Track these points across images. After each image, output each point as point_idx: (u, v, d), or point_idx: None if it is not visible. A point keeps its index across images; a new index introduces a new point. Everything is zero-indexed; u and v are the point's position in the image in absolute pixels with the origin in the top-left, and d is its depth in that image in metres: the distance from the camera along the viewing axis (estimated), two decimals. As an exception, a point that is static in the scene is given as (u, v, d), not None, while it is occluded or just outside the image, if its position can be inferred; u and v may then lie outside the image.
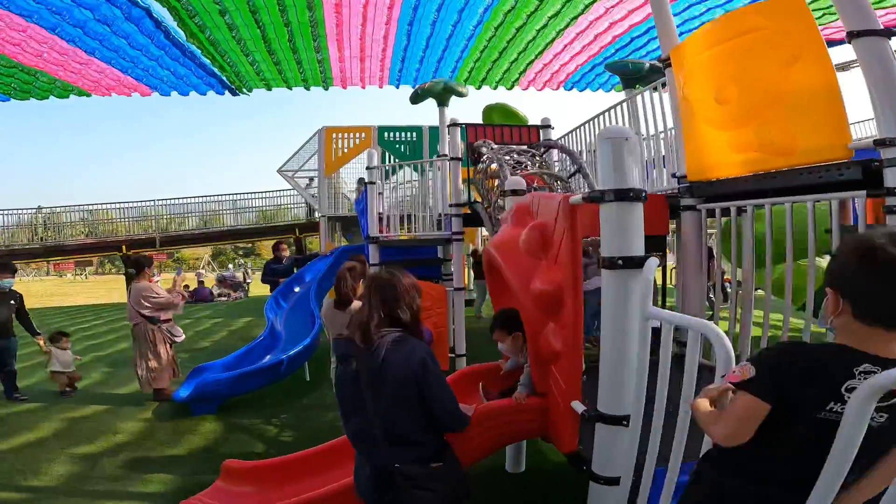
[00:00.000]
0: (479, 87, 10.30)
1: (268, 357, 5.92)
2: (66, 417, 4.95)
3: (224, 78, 9.52)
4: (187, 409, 4.88)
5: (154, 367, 5.27)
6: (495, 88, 10.40)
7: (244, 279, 17.49)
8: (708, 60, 3.21)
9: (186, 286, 16.41)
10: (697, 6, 7.38)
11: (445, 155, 7.13)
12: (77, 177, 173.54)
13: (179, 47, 8.16)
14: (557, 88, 10.72)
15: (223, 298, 15.71)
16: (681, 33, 7.84)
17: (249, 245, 43.05)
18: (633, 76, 6.33)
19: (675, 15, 7.42)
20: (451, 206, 6.12)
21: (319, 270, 7.52)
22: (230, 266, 32.77)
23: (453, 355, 6.19)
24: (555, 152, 6.33)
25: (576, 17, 7.56)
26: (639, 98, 4.63)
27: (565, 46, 8.64)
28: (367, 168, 6.66)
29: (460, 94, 7.27)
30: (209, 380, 4.84)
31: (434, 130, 11.83)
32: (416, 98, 7.33)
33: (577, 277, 2.32)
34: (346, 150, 11.80)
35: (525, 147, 5.75)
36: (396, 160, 9.55)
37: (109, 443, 4.33)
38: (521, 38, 8.23)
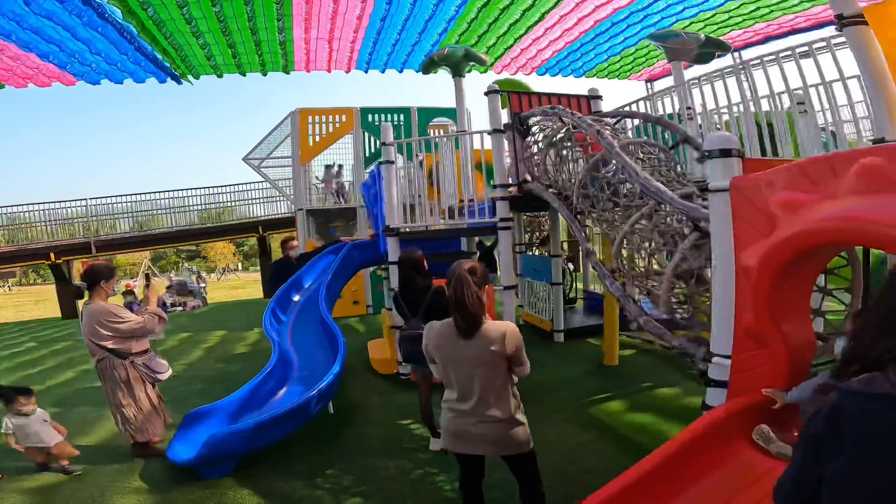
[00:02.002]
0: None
1: (283, 391, 4.59)
2: (22, 489, 3.54)
3: (167, 64, 8.23)
4: (190, 471, 3.60)
5: (132, 415, 3.91)
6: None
7: (198, 284, 15.56)
8: None
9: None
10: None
11: (464, 130, 6.10)
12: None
13: (115, 28, 6.94)
14: (530, 74, 10.43)
15: (178, 308, 13.88)
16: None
17: (193, 247, 39.90)
18: (685, 48, 5.59)
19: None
20: (496, 186, 5.14)
21: (328, 270, 6.17)
22: (173, 271, 30.20)
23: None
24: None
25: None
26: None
27: (546, 30, 8.29)
28: (383, 144, 5.59)
29: (482, 63, 6.25)
30: (222, 434, 3.54)
31: (423, 112, 10.73)
32: (429, 66, 6.27)
33: None
34: (324, 135, 10.48)
35: (595, 117, 4.79)
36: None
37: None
38: (504, 20, 7.79)
